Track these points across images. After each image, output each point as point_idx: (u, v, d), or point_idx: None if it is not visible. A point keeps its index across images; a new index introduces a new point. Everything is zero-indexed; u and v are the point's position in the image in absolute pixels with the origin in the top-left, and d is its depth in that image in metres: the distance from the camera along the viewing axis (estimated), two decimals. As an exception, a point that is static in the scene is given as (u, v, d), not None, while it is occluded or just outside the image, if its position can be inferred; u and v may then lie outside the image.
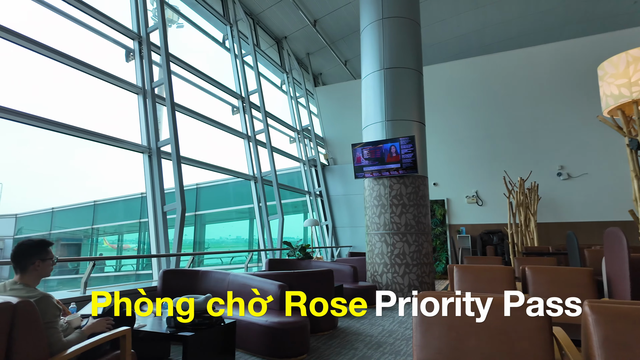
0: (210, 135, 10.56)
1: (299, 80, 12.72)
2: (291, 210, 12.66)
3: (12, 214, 16.69)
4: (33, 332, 1.74)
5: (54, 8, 5.30)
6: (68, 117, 5.00)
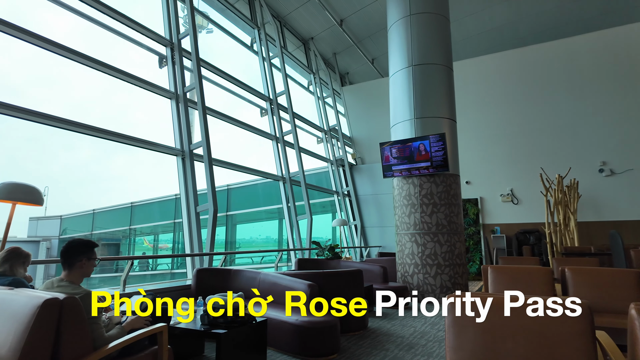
0: (240, 137, 10.73)
1: (325, 81, 12.74)
2: (319, 210, 12.70)
3: (57, 215, 17.73)
4: (78, 326, 1.84)
5: (94, 20, 5.57)
6: (107, 123, 5.25)
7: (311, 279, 4.33)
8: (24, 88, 22.64)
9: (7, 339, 1.71)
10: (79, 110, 24.45)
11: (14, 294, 1.92)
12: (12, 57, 10.11)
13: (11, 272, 2.52)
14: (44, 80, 23.90)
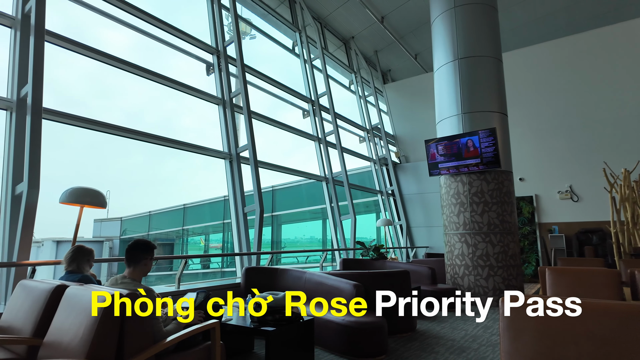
0: (283, 139, 10.92)
1: (367, 79, 12.63)
2: (363, 210, 12.60)
3: (118, 217, 19.10)
4: (140, 321, 1.97)
5: (146, 33, 5.94)
6: (159, 129, 5.56)
7: (357, 279, 4.30)
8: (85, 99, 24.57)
9: (79, 331, 1.86)
10: (134, 118, 26.12)
11: (84, 289, 2.09)
12: (75, 71, 11.03)
13: (79, 270, 2.75)
14: (102, 92, 25.83)
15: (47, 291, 2.30)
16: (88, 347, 1.78)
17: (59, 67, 3.94)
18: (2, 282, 3.51)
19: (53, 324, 2.10)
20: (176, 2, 7.57)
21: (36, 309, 2.28)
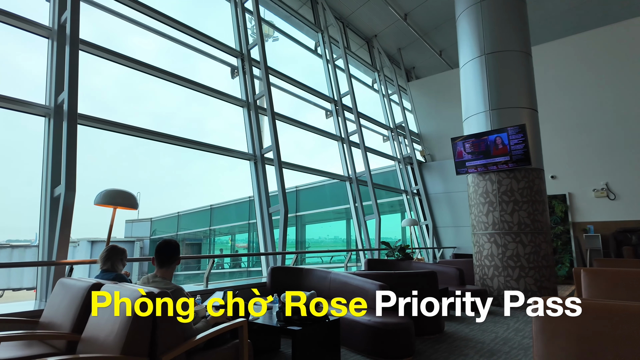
0: (306, 140, 10.93)
1: (390, 77, 12.50)
2: (387, 210, 12.47)
3: (148, 218, 19.75)
4: (170, 318, 2.03)
5: (173, 39, 6.10)
6: (186, 132, 5.71)
7: (382, 279, 4.27)
8: (117, 104, 25.54)
9: (114, 327, 1.94)
10: (162, 121, 26.90)
11: (118, 287, 2.17)
12: (107, 78, 11.46)
13: (113, 269, 2.86)
14: (133, 97, 26.76)
15: (84, 289, 2.41)
16: (123, 343, 1.85)
17: (92, 74, 4.14)
18: (43, 280, 3.70)
19: (90, 321, 2.20)
20: (201, 7, 7.75)
21: (74, 306, 2.39)
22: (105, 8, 5.25)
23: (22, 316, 2.72)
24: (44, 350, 2.31)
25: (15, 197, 30.92)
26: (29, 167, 3.71)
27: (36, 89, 4.21)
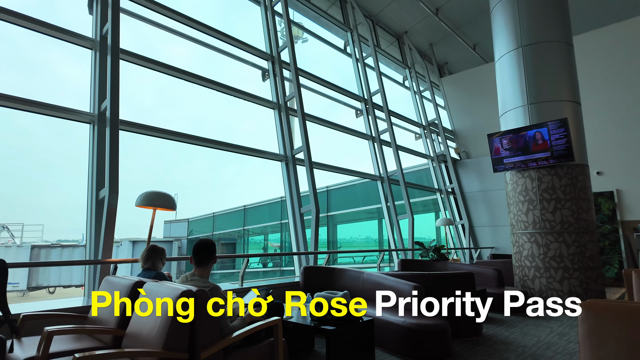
0: (337, 140, 10.96)
1: (422, 74, 12.26)
2: (421, 209, 12.23)
3: (185, 218, 20.46)
4: (209, 316, 2.09)
5: (206, 44, 6.28)
6: (219, 134, 5.86)
7: (417, 280, 4.19)
8: (154, 109, 26.65)
9: (156, 323, 2.02)
10: (197, 125, 27.83)
11: (159, 285, 2.26)
12: (144, 84, 11.99)
13: (153, 267, 2.99)
14: (169, 102, 27.83)
15: (127, 286, 2.53)
16: (164, 339, 1.92)
17: (131, 82, 4.35)
18: (90, 277, 3.92)
19: (133, 317, 2.30)
20: (233, 12, 7.94)
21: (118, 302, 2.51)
22: (143, 18, 5.49)
23: (72, 311, 2.90)
24: (93, 344, 2.44)
25: (64, 200, 32.96)
26: (76, 172, 3.98)
27: (81, 97, 4.47)
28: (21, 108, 3.97)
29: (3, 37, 4.08)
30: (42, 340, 2.15)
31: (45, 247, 14.90)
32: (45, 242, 15.77)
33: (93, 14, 4.79)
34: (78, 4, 4.81)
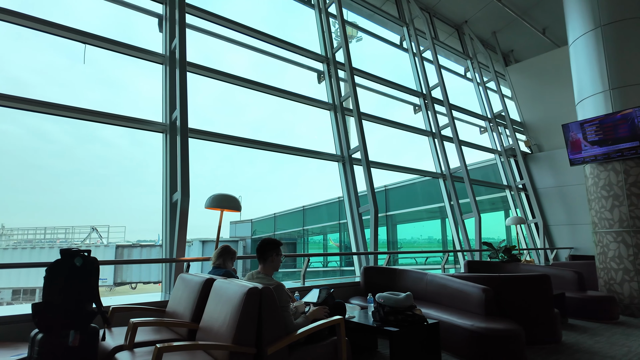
0: (394, 137, 10.73)
1: (485, 64, 11.58)
2: (488, 207, 11.55)
3: (248, 219, 21.41)
4: (274, 312, 2.16)
5: (263, 51, 6.52)
6: (278, 138, 6.03)
7: (485, 283, 3.96)
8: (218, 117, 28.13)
9: (226, 318, 2.13)
10: (257, 129, 28.94)
11: (228, 282, 2.39)
12: (208, 93, 12.75)
13: (224, 265, 3.18)
14: (230, 109, 29.33)
15: (199, 283, 2.70)
16: (234, 333, 2.03)
17: (197, 92, 4.68)
18: (167, 274, 4.25)
19: (205, 312, 2.46)
20: (287, 17, 8.16)
21: (192, 298, 2.70)
22: (206, 31, 5.84)
23: (152, 306, 3.16)
24: (170, 336, 2.65)
25: (143, 203, 36.09)
26: (152, 178, 4.41)
27: (154, 109, 4.87)
28: (105, 121, 4.43)
29: (88, 59, 4.58)
30: (129, 330, 2.38)
31: (128, 247, 16.47)
32: (127, 242, 17.44)
33: (163, 31, 5.20)
34: (149, 23, 5.26)
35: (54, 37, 4.42)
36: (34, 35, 4.31)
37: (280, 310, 2.23)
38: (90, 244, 17.59)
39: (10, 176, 32.50)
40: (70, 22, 4.41)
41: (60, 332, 2.08)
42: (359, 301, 4.37)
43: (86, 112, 4.25)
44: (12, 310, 2.86)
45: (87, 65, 4.73)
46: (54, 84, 31.50)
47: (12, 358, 2.14)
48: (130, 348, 2.32)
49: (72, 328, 2.11)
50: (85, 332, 2.15)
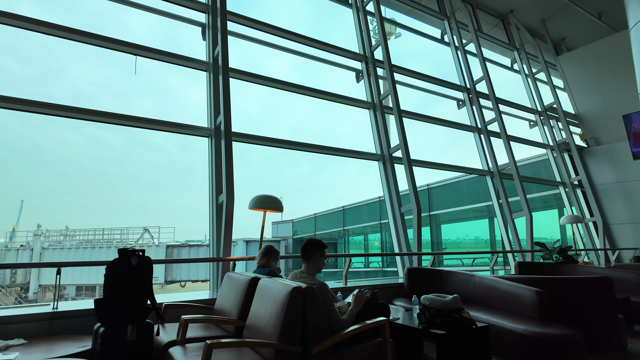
0: (437, 134, 10.46)
1: (534, 54, 10.94)
2: (540, 206, 10.90)
3: (290, 219, 21.72)
4: (317, 311, 2.17)
5: (302, 54, 6.59)
6: (318, 139, 6.07)
7: (538, 285, 3.73)
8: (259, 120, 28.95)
9: (271, 317, 2.18)
10: (297, 131, 29.45)
11: (272, 281, 2.43)
12: (251, 98, 13.12)
13: (268, 265, 3.25)
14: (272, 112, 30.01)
15: (245, 282, 2.78)
16: (279, 332, 2.06)
17: (240, 96, 4.82)
18: (214, 273, 4.41)
19: (252, 310, 2.52)
20: (325, 19, 8.20)
21: (238, 296, 2.78)
22: (246, 37, 6.00)
23: (200, 303, 3.29)
24: (218, 333, 2.75)
25: (190, 205, 37.88)
26: (199, 180, 4.60)
27: (200, 115, 5.08)
28: (155, 128, 4.69)
29: (139, 69, 4.87)
30: (180, 327, 2.49)
31: (177, 247, 17.29)
32: (176, 242, 18.31)
33: (206, 39, 5.42)
34: (193, 32, 5.49)
35: (108, 50, 4.74)
36: (91, 50, 4.65)
37: (325, 309, 2.23)
38: (143, 244, 18.68)
39: (72, 181, 35.40)
40: (123, 36, 4.72)
41: (120, 326, 2.23)
42: (402, 303, 4.29)
43: (138, 120, 4.51)
44: (77, 305, 3.10)
45: (138, 75, 5.04)
46: (109, 94, 33.80)
47: (78, 349, 2.32)
48: (182, 343, 2.43)
49: (129, 323, 2.24)
50: (142, 327, 2.29)
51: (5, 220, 31.92)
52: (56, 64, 37.43)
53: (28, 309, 2.97)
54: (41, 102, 4.04)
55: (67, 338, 2.62)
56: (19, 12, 4.16)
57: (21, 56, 40.77)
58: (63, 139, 38.07)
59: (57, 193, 35.20)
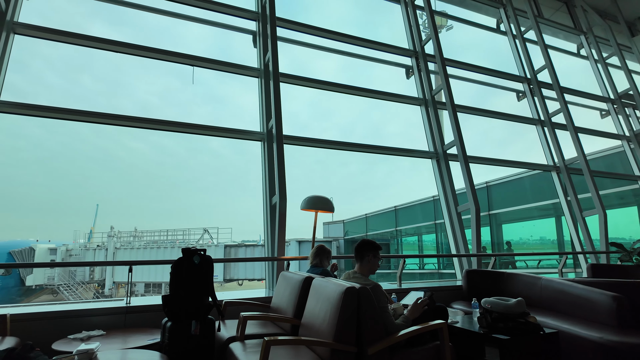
0: (495, 129, 9.90)
1: (604, 37, 9.97)
2: (616, 202, 9.90)
3: (340, 220, 21.75)
4: (372, 312, 2.15)
5: (350, 53, 6.58)
6: (368, 138, 6.02)
7: (616, 289, 3.39)
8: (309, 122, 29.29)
9: (326, 316, 2.19)
10: (346, 132, 29.32)
11: (326, 281, 2.45)
12: (300, 100, 13.35)
13: (320, 264, 3.28)
14: (321, 114, 30.28)
15: (299, 281, 2.83)
16: (334, 331, 2.07)
17: (290, 100, 4.93)
18: (269, 272, 4.54)
19: (306, 308, 2.56)
20: (372, 16, 8.11)
21: (294, 295, 2.83)
22: (295, 41, 6.12)
23: (257, 301, 3.41)
24: (275, 330, 2.82)
25: (246, 206, 39.38)
26: (253, 183, 4.79)
27: (253, 119, 5.26)
28: (212, 134, 4.94)
29: (196, 79, 5.17)
30: (239, 323, 2.60)
31: (234, 247, 18.05)
32: (233, 242, 19.13)
33: (257, 46, 5.60)
34: (245, 41, 5.71)
35: (168, 63, 5.08)
36: (153, 64, 5.02)
37: (379, 310, 2.21)
38: (203, 244, 19.74)
39: (139, 186, 38.48)
40: (180, 48, 5.03)
41: (184, 321, 2.37)
42: (461, 306, 4.11)
43: (197, 127, 4.78)
44: (147, 301, 3.35)
45: (195, 85, 5.35)
46: (170, 104, 36.23)
47: (148, 342, 2.50)
48: (241, 339, 2.53)
49: (193, 318, 2.38)
50: (204, 323, 2.42)
51: (84, 222, 35.38)
52: (124, 78, 40.89)
53: (105, 303, 3.27)
54: (112, 114, 4.43)
55: (139, 331, 2.84)
56: (92, 34, 4.60)
57: (94, 73, 45.04)
58: (131, 147, 41.46)
59: (126, 197, 38.42)
